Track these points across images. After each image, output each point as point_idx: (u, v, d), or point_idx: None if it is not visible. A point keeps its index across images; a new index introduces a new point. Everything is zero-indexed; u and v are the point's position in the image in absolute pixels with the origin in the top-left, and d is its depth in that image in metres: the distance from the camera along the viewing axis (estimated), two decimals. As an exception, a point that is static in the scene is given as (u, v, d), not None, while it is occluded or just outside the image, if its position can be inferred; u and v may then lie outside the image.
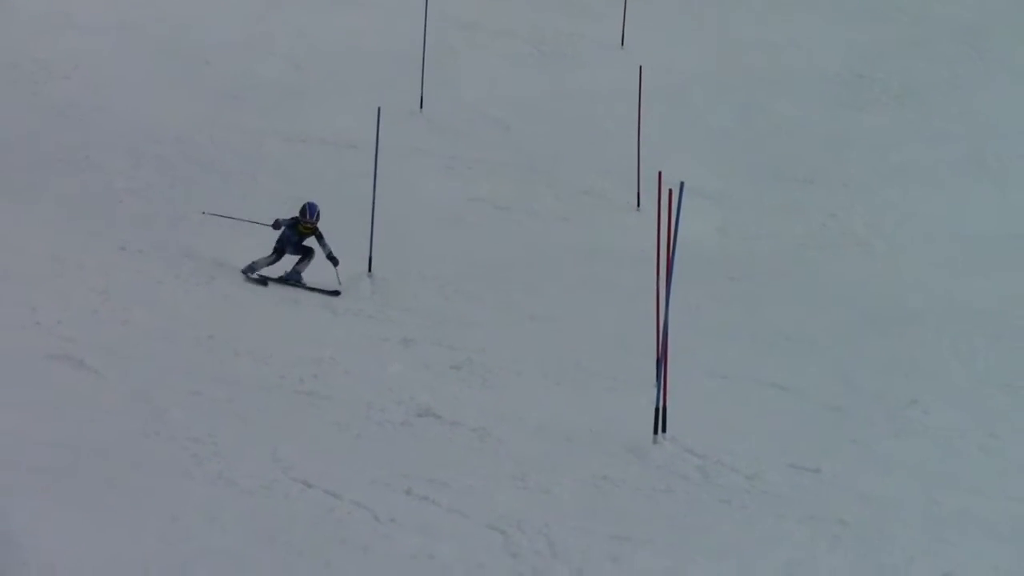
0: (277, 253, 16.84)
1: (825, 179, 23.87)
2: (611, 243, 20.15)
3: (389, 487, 9.66)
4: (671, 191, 11.46)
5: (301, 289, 16.63)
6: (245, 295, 16.19)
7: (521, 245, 20.06)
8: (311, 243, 16.95)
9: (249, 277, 16.67)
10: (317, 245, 16.88)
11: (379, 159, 18.33)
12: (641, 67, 23.06)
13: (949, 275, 19.43)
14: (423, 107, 25.04)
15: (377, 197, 18.06)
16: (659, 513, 9.97)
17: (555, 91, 26.60)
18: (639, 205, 21.74)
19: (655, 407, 11.57)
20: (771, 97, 26.91)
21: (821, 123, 26.08)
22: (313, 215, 16.83)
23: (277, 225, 16.92)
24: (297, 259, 16.90)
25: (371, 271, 17.52)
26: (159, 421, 10.74)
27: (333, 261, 16.76)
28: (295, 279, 16.76)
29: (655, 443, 11.45)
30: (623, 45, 28.94)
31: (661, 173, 12.64)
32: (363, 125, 19.76)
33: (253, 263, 16.71)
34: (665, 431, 11.54)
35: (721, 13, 31.17)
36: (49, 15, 26.71)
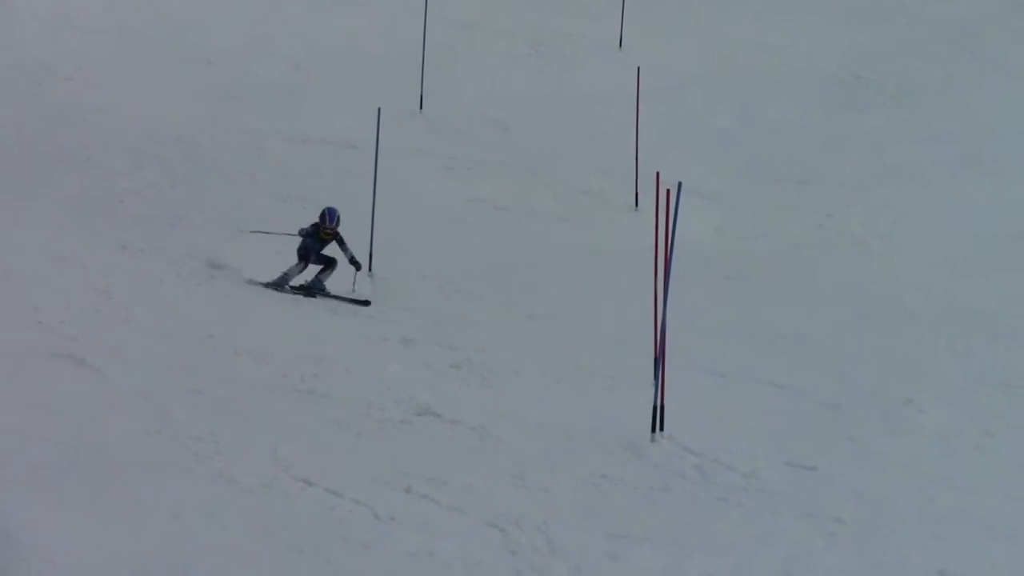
0: (304, 260, 16.63)
1: (822, 179, 23.92)
2: (610, 243, 20.18)
3: (389, 485, 9.67)
4: (669, 191, 11.47)
5: (329, 299, 16.48)
6: (246, 295, 16.18)
7: (520, 245, 20.10)
8: (332, 250, 16.80)
9: (284, 290, 16.43)
10: (339, 250, 16.75)
11: (379, 159, 18.39)
12: (639, 68, 23.15)
13: (945, 274, 19.42)
14: (423, 107, 25.10)
15: (377, 197, 18.12)
16: (657, 511, 9.98)
17: (554, 92, 26.67)
18: (637, 205, 21.79)
19: (653, 406, 11.58)
20: (769, 98, 26.96)
21: (818, 123, 26.15)
22: (333, 220, 16.71)
23: (302, 233, 16.77)
24: (319, 268, 16.76)
25: (371, 271, 17.58)
26: (160, 419, 10.73)
27: (355, 265, 16.71)
28: (318, 288, 16.63)
29: (653, 441, 11.45)
30: (621, 46, 29.02)
31: (659, 173, 12.67)
32: (363, 125, 19.82)
33: (284, 274, 16.50)
34: (663, 429, 11.55)
35: (719, 14, 31.25)
36: (51, 16, 26.80)
